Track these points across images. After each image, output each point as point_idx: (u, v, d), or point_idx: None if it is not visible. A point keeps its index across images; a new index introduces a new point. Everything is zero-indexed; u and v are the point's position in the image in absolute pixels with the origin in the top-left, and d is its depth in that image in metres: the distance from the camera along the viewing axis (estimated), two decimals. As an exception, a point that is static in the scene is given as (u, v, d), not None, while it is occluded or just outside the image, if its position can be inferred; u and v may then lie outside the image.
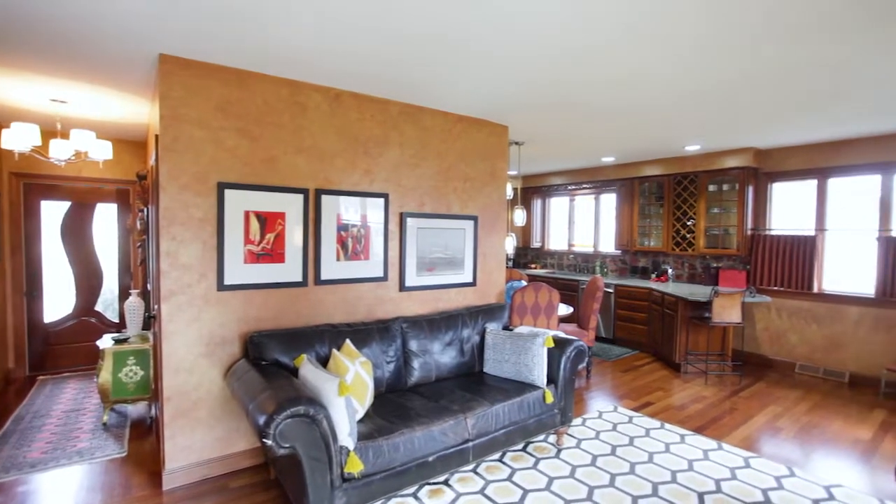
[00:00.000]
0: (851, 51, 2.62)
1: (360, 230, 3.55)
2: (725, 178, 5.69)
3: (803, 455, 3.32)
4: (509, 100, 3.69)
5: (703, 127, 4.47)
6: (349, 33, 2.46)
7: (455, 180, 4.13)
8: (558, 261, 8.26)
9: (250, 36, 2.48)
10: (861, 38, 2.45)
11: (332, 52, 2.71)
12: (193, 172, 2.83)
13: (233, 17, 2.27)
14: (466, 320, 3.72)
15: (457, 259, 4.13)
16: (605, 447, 3.38)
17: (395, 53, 2.73)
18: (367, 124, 3.56)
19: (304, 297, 3.30)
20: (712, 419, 3.93)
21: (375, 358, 3.18)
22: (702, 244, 5.88)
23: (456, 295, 4.15)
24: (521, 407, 3.09)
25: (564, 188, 7.89)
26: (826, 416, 4.06)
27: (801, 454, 3.34)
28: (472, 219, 4.22)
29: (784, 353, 5.43)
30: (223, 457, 2.99)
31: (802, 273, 5.20)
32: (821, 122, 4.24)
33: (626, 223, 6.82)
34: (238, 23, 2.32)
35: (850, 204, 5.06)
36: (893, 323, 4.70)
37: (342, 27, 2.38)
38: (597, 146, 5.56)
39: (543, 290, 4.34)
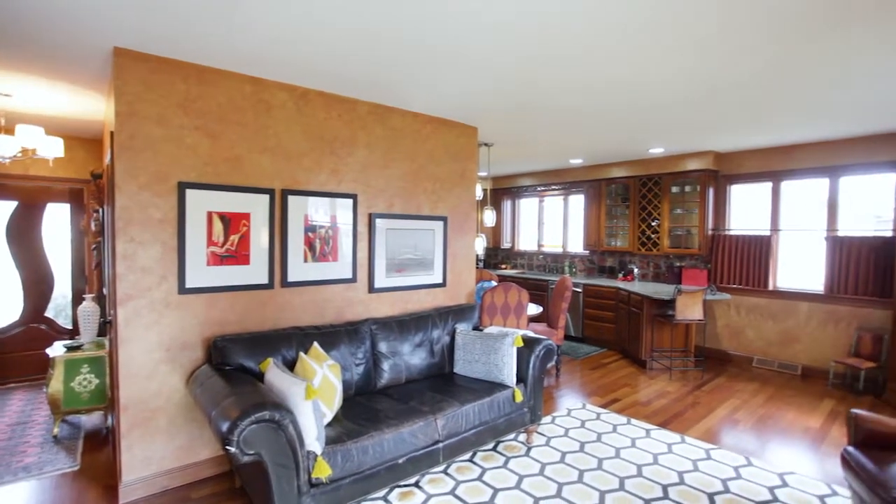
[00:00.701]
0: (797, 60, 2.75)
1: (328, 231, 3.50)
2: (687, 180, 5.89)
3: (760, 445, 3.47)
4: (478, 102, 3.71)
5: (666, 131, 4.61)
6: (315, 32, 2.41)
7: (425, 181, 4.12)
8: (528, 261, 8.36)
9: (212, 31, 2.41)
10: (805, 49, 2.58)
11: (298, 50, 2.66)
12: (152, 171, 2.72)
13: (192, 11, 2.19)
14: (436, 321, 3.71)
15: (427, 260, 4.12)
16: (574, 444, 3.44)
17: (362, 54, 2.70)
18: (334, 124, 3.51)
19: (271, 299, 3.22)
20: (676, 413, 4.05)
21: (344, 360, 3.13)
22: (666, 244, 6.06)
23: (426, 296, 4.14)
24: (491, 407, 3.10)
25: (534, 189, 8.00)
26: (780, 407, 4.24)
27: (757, 444, 3.48)
28: (441, 219, 4.22)
29: (742, 348, 5.66)
30: (185, 466, 2.88)
31: (758, 271, 5.43)
32: (773, 127, 4.45)
33: (593, 224, 6.96)
34: (198, 17, 2.25)
35: (801, 205, 5.32)
36: (840, 318, 4.96)
37: (308, 25, 2.33)
38: (565, 148, 5.66)
39: (513, 290, 4.38)
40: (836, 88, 3.29)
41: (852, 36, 2.43)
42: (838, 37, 2.44)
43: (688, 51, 2.64)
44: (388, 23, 2.32)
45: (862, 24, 2.29)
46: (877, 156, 4.77)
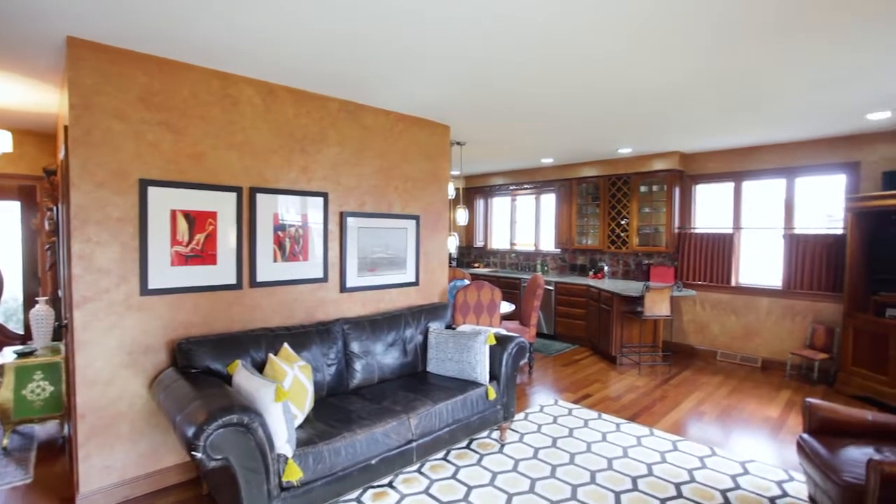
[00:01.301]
0: (758, 64, 2.86)
1: (298, 230, 3.43)
2: (655, 179, 6.05)
3: (723, 435, 3.59)
4: (450, 101, 3.70)
5: (634, 131, 4.72)
6: (282, 28, 2.36)
7: (397, 179, 4.09)
8: (501, 259, 8.42)
9: (173, 23, 2.32)
10: (763, 54, 2.69)
11: (266, 45, 2.60)
12: (111, 168, 2.60)
13: (150, 2, 2.11)
14: (409, 320, 3.69)
15: (399, 259, 4.10)
16: (547, 440, 3.48)
17: (331, 51, 2.66)
18: (304, 121, 3.45)
19: (239, 300, 3.13)
20: (645, 407, 4.16)
21: (315, 361, 3.08)
22: (635, 242, 6.21)
23: (398, 295, 4.12)
24: (464, 405, 3.11)
25: (506, 188, 8.06)
26: (742, 398, 4.41)
27: (721, 435, 3.60)
28: (414, 218, 4.20)
29: (707, 342, 5.86)
30: (149, 474, 2.77)
31: (722, 268, 5.63)
32: (735, 130, 4.61)
33: (565, 222, 7.07)
34: (158, 8, 2.16)
35: (761, 205, 5.54)
36: (797, 312, 5.20)
37: (275, 20, 2.28)
38: (536, 147, 5.72)
39: (486, 288, 4.40)
40: (791, 95, 3.44)
41: (803, 46, 2.54)
42: (791, 47, 2.55)
43: (655, 54, 2.71)
44: (358, 21, 2.29)
45: (811, 34, 2.40)
46: (828, 158, 5.01)
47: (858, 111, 3.97)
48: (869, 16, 2.24)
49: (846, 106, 3.81)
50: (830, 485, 2.23)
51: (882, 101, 3.65)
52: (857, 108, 3.86)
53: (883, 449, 2.34)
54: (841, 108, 3.87)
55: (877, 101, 3.68)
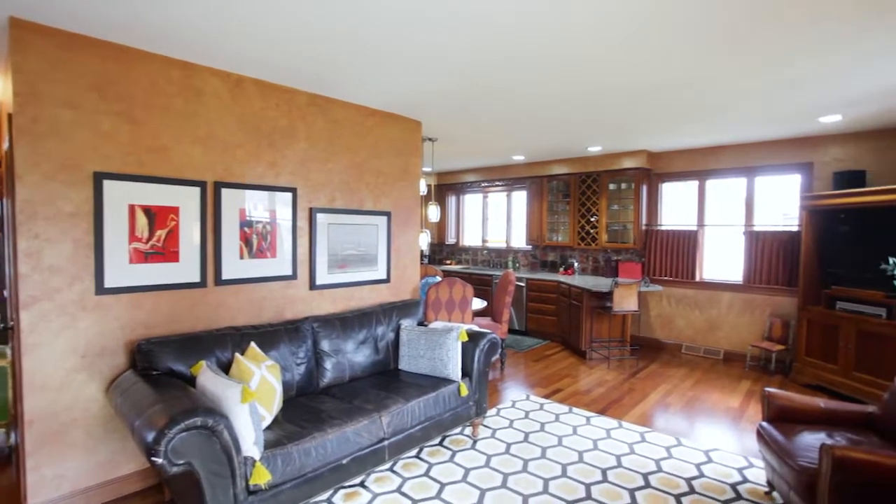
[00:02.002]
0: (718, 67, 2.95)
1: (265, 226, 3.33)
2: (623, 177, 6.18)
3: (688, 426, 3.71)
4: (422, 97, 3.67)
5: (603, 130, 4.80)
6: (248, 17, 2.27)
7: (368, 175, 4.03)
8: (473, 256, 8.44)
9: (131, 8, 2.20)
10: (724, 56, 2.77)
11: (232, 35, 2.50)
12: (61, 160, 2.46)
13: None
14: (381, 317, 3.65)
15: (370, 256, 4.04)
16: (519, 434, 3.51)
17: (300, 44, 2.58)
18: (271, 114, 3.35)
19: (203, 298, 3.02)
20: (613, 400, 4.25)
21: (284, 360, 3.00)
22: (604, 239, 6.33)
23: (370, 292, 4.06)
24: (436, 402, 3.09)
25: (478, 185, 8.08)
26: (706, 389, 4.56)
27: (686, 425, 3.72)
28: (385, 215, 4.15)
29: (673, 336, 6.04)
30: (106, 483, 2.64)
31: (687, 264, 5.81)
32: (699, 130, 4.75)
33: (536, 219, 7.15)
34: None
35: (724, 202, 5.74)
36: (756, 305, 5.41)
37: (240, 10, 2.19)
38: (508, 145, 5.75)
39: (458, 285, 4.39)
40: (750, 97, 3.56)
41: (761, 48, 2.63)
42: (749, 49, 2.63)
43: (626, 57, 2.75)
44: (326, 14, 2.23)
45: (766, 39, 2.49)
46: (785, 158, 5.23)
47: (812, 114, 4.16)
48: (819, 19, 2.33)
49: (801, 109, 3.98)
50: (787, 469, 2.33)
51: (834, 104, 3.83)
52: (811, 111, 4.03)
53: (834, 434, 2.45)
54: (796, 110, 4.04)
55: (829, 105, 3.86)
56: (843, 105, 3.84)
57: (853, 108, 3.94)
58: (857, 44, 2.61)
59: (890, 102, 3.74)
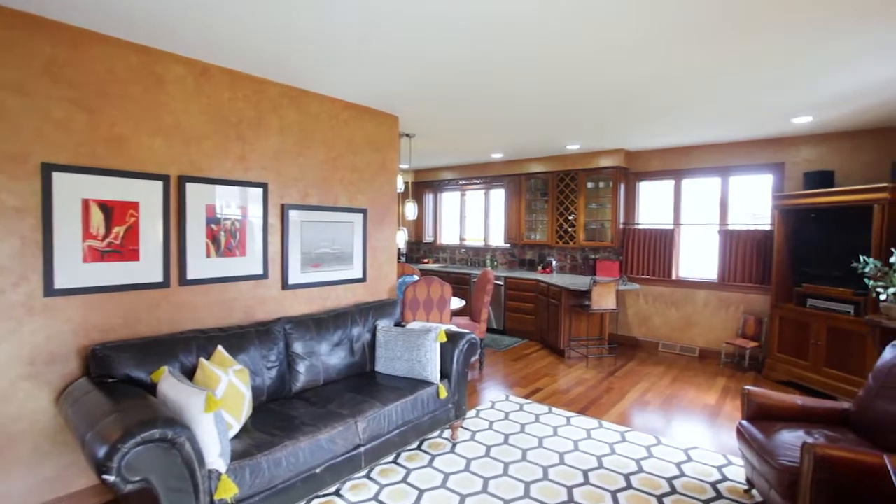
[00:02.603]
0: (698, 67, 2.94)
1: (234, 223, 3.17)
2: (601, 176, 6.19)
3: (667, 424, 3.71)
4: (399, 91, 3.56)
5: (582, 128, 4.78)
6: (213, 4, 2.13)
7: (343, 170, 3.90)
8: (450, 255, 8.36)
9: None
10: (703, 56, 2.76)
11: (196, 22, 2.35)
12: (6, 149, 2.25)
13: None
14: (356, 318, 3.53)
15: (345, 254, 3.91)
16: (499, 437, 3.44)
17: (268, 31, 2.44)
18: (241, 105, 3.19)
19: (166, 300, 2.85)
20: (593, 400, 4.23)
21: (254, 365, 2.85)
22: (582, 237, 6.34)
23: (345, 292, 3.93)
24: (414, 405, 2.99)
25: (455, 183, 8.00)
26: (683, 387, 4.59)
27: (665, 423, 3.72)
28: (361, 211, 4.02)
29: (650, 333, 6.08)
30: (56, 500, 2.44)
31: (663, 262, 5.86)
32: (675, 130, 4.78)
33: (514, 218, 7.11)
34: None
35: (699, 202, 5.80)
36: (730, 303, 5.49)
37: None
38: (486, 142, 5.68)
39: (435, 284, 4.30)
40: (726, 98, 3.58)
41: (737, 48, 2.62)
42: (725, 49, 2.62)
43: (606, 56, 2.70)
44: (293, 7, 2.10)
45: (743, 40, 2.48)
46: (758, 158, 5.32)
47: (785, 115, 4.22)
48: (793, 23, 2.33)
49: (775, 110, 4.04)
50: (768, 468, 2.32)
51: (806, 106, 3.89)
52: (784, 112, 4.09)
53: (813, 432, 2.46)
54: (770, 111, 4.09)
55: (801, 106, 3.91)
56: (814, 107, 3.91)
57: (824, 110, 4.01)
58: (830, 46, 2.63)
59: (859, 104, 3.81)
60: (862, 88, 3.41)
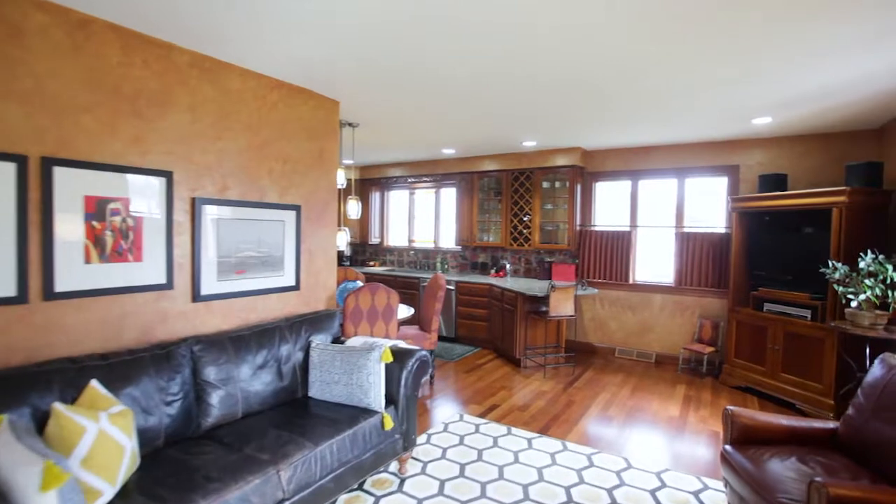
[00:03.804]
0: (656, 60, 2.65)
1: (126, 220, 2.52)
2: (557, 175, 5.92)
3: (635, 442, 3.42)
4: (339, 69, 3.05)
5: (538, 122, 4.45)
6: None
7: (271, 161, 3.32)
8: (398, 257, 7.86)
9: None
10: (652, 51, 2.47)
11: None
12: None
13: None
14: (286, 334, 2.97)
15: (274, 258, 3.33)
16: (454, 468, 3.00)
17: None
18: (138, 73, 2.55)
19: (24, 319, 2.17)
20: (554, 416, 3.89)
21: (146, 400, 2.24)
22: (537, 239, 6.04)
23: (275, 302, 3.35)
24: (354, 441, 2.49)
25: (404, 181, 7.51)
26: (644, 397, 4.37)
27: (633, 442, 3.43)
28: (293, 209, 3.45)
29: (606, 339, 5.88)
30: None
31: (620, 265, 5.66)
32: (632, 128, 4.57)
33: (466, 218, 6.72)
34: None
35: (656, 203, 5.66)
36: (686, 307, 5.38)
37: None
38: (438, 136, 5.25)
39: (381, 291, 3.80)
40: (686, 94, 3.37)
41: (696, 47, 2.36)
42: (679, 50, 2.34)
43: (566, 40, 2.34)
44: None
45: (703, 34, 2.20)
46: (713, 161, 5.24)
47: (746, 115, 4.09)
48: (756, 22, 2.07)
49: (737, 109, 3.89)
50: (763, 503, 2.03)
51: (769, 106, 3.76)
52: (747, 111, 3.95)
53: (806, 458, 2.21)
54: (733, 111, 3.94)
55: (764, 106, 3.78)
56: (776, 106, 3.78)
57: (784, 110, 3.90)
58: (791, 45, 2.43)
59: (817, 106, 3.73)
60: (823, 89, 3.31)
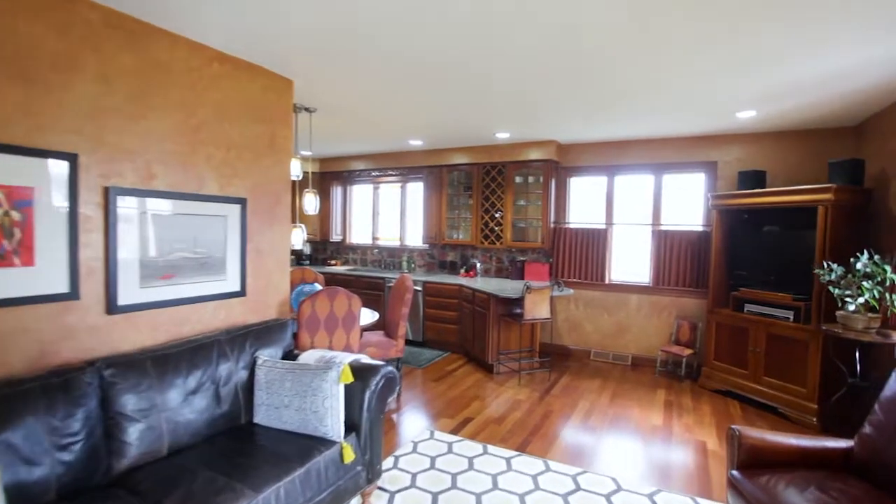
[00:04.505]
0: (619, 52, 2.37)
1: (7, 214, 2.00)
2: (531, 170, 5.63)
3: (621, 459, 3.14)
4: (291, 45, 2.60)
5: (512, 110, 4.12)
6: None
7: (210, 145, 2.83)
8: (362, 256, 7.39)
9: None
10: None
11: None
12: None
13: None
14: (226, 349, 2.50)
15: (214, 259, 2.84)
16: (425, 499, 2.62)
17: None
18: (25, 27, 2.03)
19: None
20: (533, 429, 3.57)
21: (31, 447, 1.74)
22: (509, 237, 5.73)
23: (215, 312, 2.87)
24: (306, 481, 2.07)
25: (368, 174, 7.04)
26: (625, 405, 4.13)
27: (618, 458, 3.15)
28: (238, 202, 2.98)
29: (581, 341, 5.64)
30: None
31: (596, 265, 5.43)
32: (609, 119, 4.32)
33: (434, 215, 6.34)
34: None
35: (632, 200, 5.45)
36: (663, 307, 5.20)
37: None
38: (404, 124, 4.84)
39: (340, 296, 3.36)
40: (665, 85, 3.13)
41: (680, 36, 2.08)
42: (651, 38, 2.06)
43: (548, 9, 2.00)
44: None
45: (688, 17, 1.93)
46: (690, 157, 5.06)
47: (731, 108, 3.91)
48: None
49: (723, 101, 3.69)
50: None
51: (756, 97, 3.57)
52: (733, 104, 3.76)
53: (826, 486, 1.96)
54: (717, 103, 3.74)
55: (751, 98, 3.59)
56: (763, 99, 3.60)
57: (770, 104, 3.73)
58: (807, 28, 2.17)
59: (804, 99, 3.57)
60: (815, 79, 3.12)
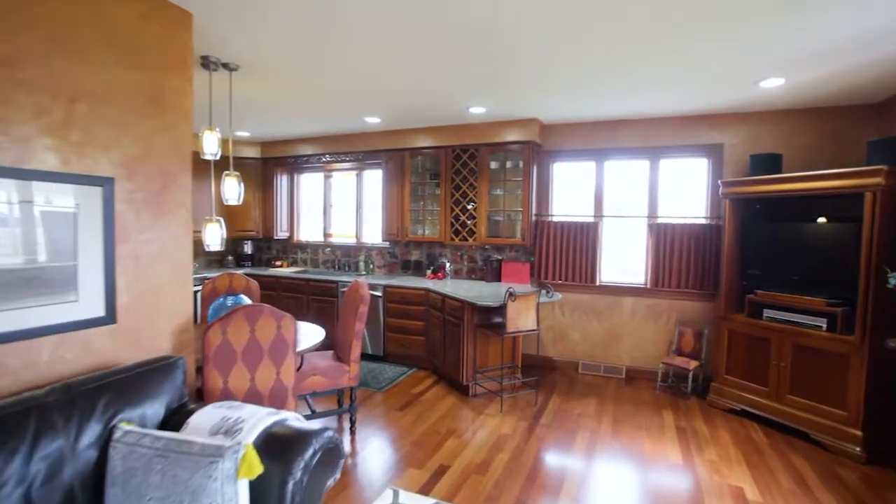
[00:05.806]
0: None
1: None
2: (509, 154, 4.81)
3: (645, 524, 2.39)
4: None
5: (484, 76, 3.28)
6: None
7: (42, 93, 1.82)
8: (312, 256, 6.39)
9: None
10: None
11: None
12: None
13: None
14: (56, 417, 1.53)
15: (57, 271, 1.84)
16: None
17: None
18: None
19: None
20: (528, 479, 2.76)
21: None
22: (483, 232, 4.90)
23: (57, 352, 1.87)
24: None
25: (318, 160, 6.03)
26: (631, 434, 3.40)
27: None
28: (98, 183, 1.98)
29: (567, 352, 4.90)
30: None
31: (584, 264, 4.67)
32: (600, 90, 3.56)
33: (395, 207, 5.42)
34: None
35: (625, 189, 4.73)
36: (662, 312, 4.53)
37: None
38: (359, 97, 3.92)
39: (266, 316, 2.42)
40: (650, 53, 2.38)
41: None
42: None
43: None
44: None
45: None
46: (691, 139, 4.40)
47: (752, 76, 3.22)
48: None
49: (746, 65, 2.99)
50: None
51: (787, 60, 2.88)
52: (757, 68, 3.06)
53: None
54: (739, 68, 3.04)
55: (780, 61, 2.90)
56: (797, 61, 2.91)
57: (799, 71, 3.06)
58: None
59: (836, 65, 2.92)
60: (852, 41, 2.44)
